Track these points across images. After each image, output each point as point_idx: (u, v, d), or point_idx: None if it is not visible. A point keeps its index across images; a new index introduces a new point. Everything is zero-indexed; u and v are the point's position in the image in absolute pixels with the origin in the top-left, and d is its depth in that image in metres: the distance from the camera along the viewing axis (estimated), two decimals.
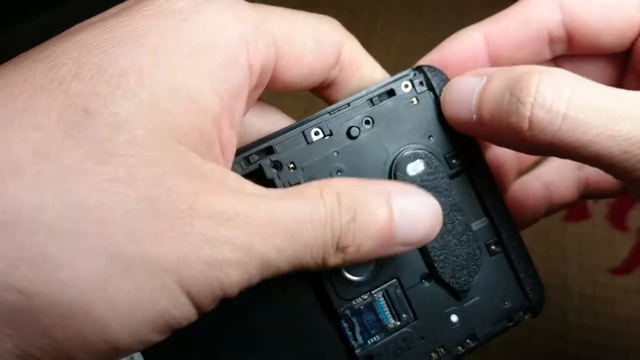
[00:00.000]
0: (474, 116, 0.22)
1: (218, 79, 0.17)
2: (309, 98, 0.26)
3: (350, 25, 0.70)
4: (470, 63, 0.25)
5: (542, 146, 0.20)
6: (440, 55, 0.25)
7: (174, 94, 0.16)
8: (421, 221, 0.20)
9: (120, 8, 0.18)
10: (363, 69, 0.24)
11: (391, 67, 0.66)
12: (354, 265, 0.23)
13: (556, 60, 0.26)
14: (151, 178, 0.16)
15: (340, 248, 0.19)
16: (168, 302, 0.16)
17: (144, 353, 0.22)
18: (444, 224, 0.23)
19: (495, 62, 0.25)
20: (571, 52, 0.25)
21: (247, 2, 0.19)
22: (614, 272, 0.50)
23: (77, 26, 0.18)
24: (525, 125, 0.20)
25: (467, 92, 0.22)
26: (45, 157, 0.15)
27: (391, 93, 0.24)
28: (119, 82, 0.16)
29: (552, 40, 0.25)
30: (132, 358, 0.22)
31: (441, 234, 0.23)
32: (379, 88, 0.23)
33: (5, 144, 0.15)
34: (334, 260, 0.19)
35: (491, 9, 0.73)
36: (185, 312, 0.17)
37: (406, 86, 0.24)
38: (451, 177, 0.24)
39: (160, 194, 0.16)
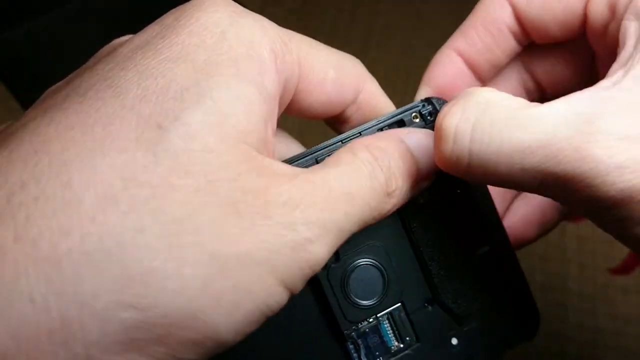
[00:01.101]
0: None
1: (259, 84, 0.18)
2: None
3: (350, 25, 0.71)
4: (458, 81, 0.26)
5: (474, 180, 0.21)
6: (431, 87, 0.27)
7: (231, 99, 0.18)
8: (430, 149, 0.22)
9: (162, 26, 0.19)
10: (380, 111, 0.25)
11: (391, 67, 0.66)
12: (363, 291, 0.23)
13: (529, 49, 0.27)
14: (228, 182, 0.17)
15: (389, 193, 0.20)
16: (265, 293, 0.17)
17: None
18: (451, 250, 0.24)
19: (476, 70, 0.27)
20: (535, 41, 0.26)
21: (271, 21, 0.21)
22: (613, 272, 0.50)
23: (124, 48, 0.19)
24: (442, 165, 0.21)
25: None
26: (134, 179, 0.16)
27: (401, 123, 0.24)
28: (182, 97, 0.17)
29: (514, 34, 0.26)
30: None
31: (446, 259, 0.24)
32: (389, 118, 0.24)
33: (95, 173, 0.16)
34: (387, 207, 0.20)
35: None
36: (279, 299, 0.18)
37: (415, 117, 0.24)
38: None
39: (239, 196, 0.17)
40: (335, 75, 0.22)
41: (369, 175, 0.20)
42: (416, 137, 0.22)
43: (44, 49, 0.62)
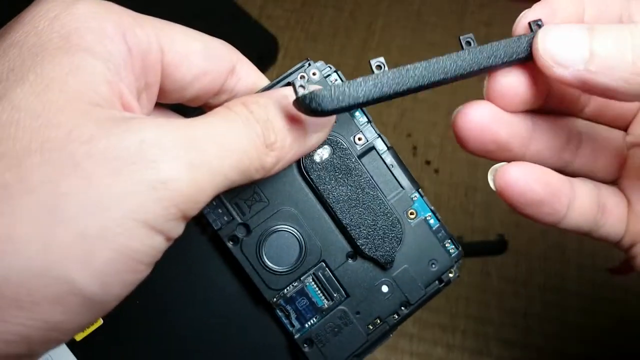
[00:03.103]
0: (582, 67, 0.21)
1: (98, 52, 0.19)
2: None
3: (350, 25, 0.71)
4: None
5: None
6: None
7: (57, 69, 0.18)
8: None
9: (5, 28, 0.20)
10: (262, 83, 0.25)
11: (390, 67, 0.66)
12: (281, 257, 0.24)
13: None
14: (62, 138, 0.17)
15: (269, 145, 0.20)
16: (124, 237, 0.17)
17: (71, 348, 0.24)
18: (361, 201, 0.24)
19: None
20: None
21: (120, 6, 0.21)
22: (613, 272, 0.50)
23: None
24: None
25: (577, 45, 0.21)
26: None
27: (289, 86, 0.24)
28: (7, 77, 0.18)
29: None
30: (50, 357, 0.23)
31: (359, 212, 0.24)
32: (276, 82, 0.24)
33: None
34: (270, 159, 0.20)
35: (490, 10, 0.73)
36: (147, 242, 0.17)
37: (302, 77, 0.24)
38: (360, 156, 0.24)
39: (76, 146, 0.17)
40: (202, 47, 0.22)
41: (242, 125, 0.20)
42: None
43: None
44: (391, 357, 0.46)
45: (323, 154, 0.24)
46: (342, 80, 0.24)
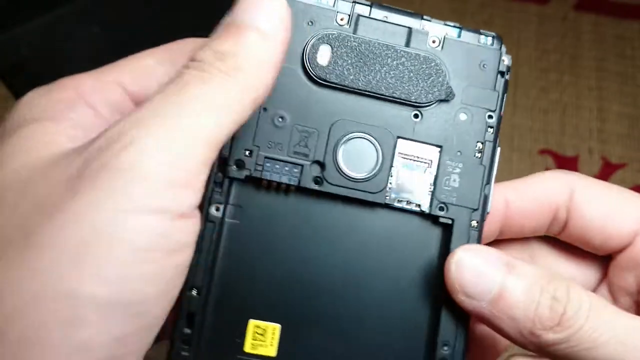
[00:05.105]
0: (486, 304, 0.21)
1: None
2: None
3: None
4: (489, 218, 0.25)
5: (550, 346, 0.21)
6: None
7: (25, 135, 0.20)
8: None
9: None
10: None
11: None
12: (361, 165, 0.23)
13: (547, 239, 0.27)
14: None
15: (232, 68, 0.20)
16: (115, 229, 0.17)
17: None
18: (387, 65, 0.23)
19: (505, 223, 0.26)
20: (562, 237, 0.26)
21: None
22: None
23: None
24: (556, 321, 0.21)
25: (487, 281, 0.22)
26: None
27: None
28: None
29: (554, 220, 0.26)
30: None
31: (393, 74, 0.23)
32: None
33: None
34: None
35: (490, 10, 0.72)
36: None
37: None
38: (355, 31, 0.23)
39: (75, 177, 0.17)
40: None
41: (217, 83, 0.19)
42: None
43: (43, 49, 0.62)
44: None
45: (324, 54, 0.23)
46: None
